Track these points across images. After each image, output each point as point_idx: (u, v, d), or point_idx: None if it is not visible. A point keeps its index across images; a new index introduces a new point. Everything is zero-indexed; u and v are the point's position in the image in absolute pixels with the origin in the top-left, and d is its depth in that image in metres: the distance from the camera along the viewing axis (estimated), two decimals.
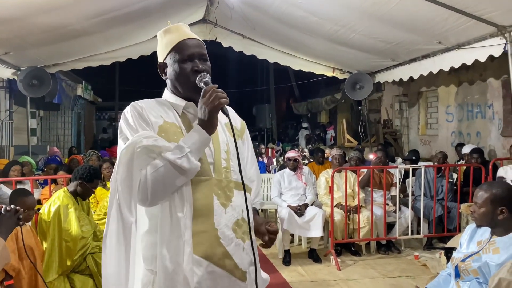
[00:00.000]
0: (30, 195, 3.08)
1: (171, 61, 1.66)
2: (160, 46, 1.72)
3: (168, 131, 1.58)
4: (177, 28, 1.71)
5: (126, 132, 1.57)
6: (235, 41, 7.58)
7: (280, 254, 5.25)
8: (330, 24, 5.78)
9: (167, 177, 1.46)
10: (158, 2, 5.73)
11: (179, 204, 1.51)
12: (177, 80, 1.66)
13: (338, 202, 5.37)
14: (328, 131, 14.73)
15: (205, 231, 1.53)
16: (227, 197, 1.60)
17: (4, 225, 2.27)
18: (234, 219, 1.59)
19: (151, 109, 1.62)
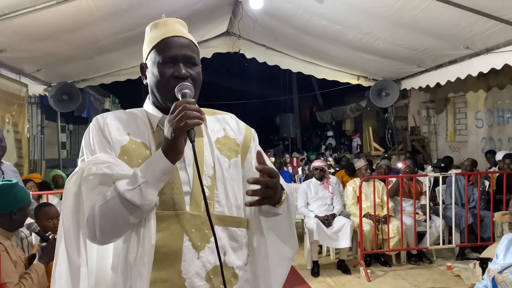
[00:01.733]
0: (52, 206, 3.17)
1: (151, 62, 1.33)
2: (144, 43, 1.39)
3: (131, 154, 1.27)
4: (165, 23, 1.37)
5: (84, 152, 1.30)
6: (258, 52, 7.63)
7: (308, 265, 5.20)
8: (354, 32, 5.76)
9: (117, 212, 1.15)
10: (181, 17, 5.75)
11: (134, 244, 1.19)
12: (155, 86, 1.32)
13: (367, 212, 5.29)
14: (353, 139, 14.59)
15: (167, 280, 1.22)
16: (203, 237, 1.26)
17: (48, 253, 2.37)
18: (210, 266, 1.25)
19: (117, 124, 1.32)
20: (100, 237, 1.18)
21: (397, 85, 7.68)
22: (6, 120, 5.42)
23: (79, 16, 4.59)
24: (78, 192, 1.20)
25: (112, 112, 1.37)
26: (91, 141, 1.28)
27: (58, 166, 7.78)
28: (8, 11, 3.99)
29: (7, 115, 5.46)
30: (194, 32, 6.80)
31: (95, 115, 1.39)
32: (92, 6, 4.45)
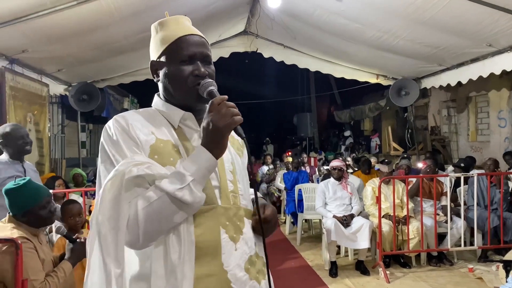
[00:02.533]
0: (76, 203, 3.21)
1: (166, 61, 1.32)
2: (153, 41, 1.37)
3: (162, 152, 1.26)
4: (176, 21, 1.36)
5: (110, 155, 1.23)
6: (276, 51, 7.62)
7: (326, 265, 5.15)
8: (373, 31, 5.69)
9: (163, 212, 1.14)
10: (199, 17, 5.84)
11: (175, 244, 1.18)
12: (172, 84, 1.32)
13: (386, 212, 5.22)
14: (372, 139, 14.43)
15: (211, 275, 1.21)
16: (237, 228, 1.28)
17: (77, 254, 2.44)
18: (246, 256, 1.28)
19: (139, 124, 1.29)
20: (143, 241, 1.15)
21: (417, 84, 7.58)
22: (27, 119, 5.52)
23: (98, 17, 4.65)
24: (117, 197, 1.14)
25: (128, 112, 1.34)
26: (117, 143, 1.23)
27: (78, 165, 7.90)
28: (29, 12, 4.05)
29: (28, 114, 5.55)
30: (212, 31, 6.87)
31: (115, 115, 1.37)
32: (111, 7, 4.50)
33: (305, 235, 7.02)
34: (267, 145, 16.95)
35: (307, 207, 6.64)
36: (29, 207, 2.28)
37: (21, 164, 3.12)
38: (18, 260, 2.03)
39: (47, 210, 2.34)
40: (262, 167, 10.55)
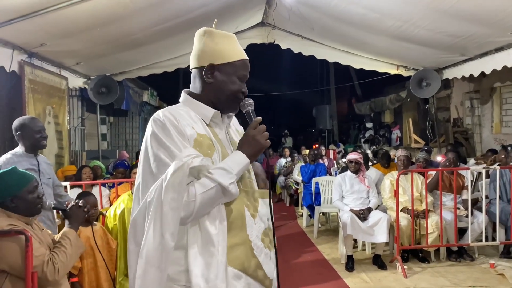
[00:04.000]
0: (91, 195, 3.23)
1: (228, 71, 1.59)
2: (217, 46, 1.59)
3: (202, 145, 1.52)
4: (235, 40, 1.65)
5: (166, 145, 1.46)
6: (294, 42, 7.53)
7: (342, 259, 5.10)
8: (392, 20, 5.55)
9: (215, 199, 1.44)
10: (216, 8, 5.80)
11: (211, 219, 1.46)
12: (223, 91, 1.60)
13: (404, 206, 5.12)
14: (393, 131, 14.18)
15: (240, 244, 1.51)
16: (255, 207, 1.59)
17: (74, 219, 2.50)
18: (262, 229, 1.60)
19: (183, 119, 1.54)
20: (193, 218, 1.43)
21: (438, 75, 7.39)
22: (47, 112, 5.60)
23: (114, 10, 4.66)
24: (181, 182, 1.39)
25: (172, 109, 1.57)
26: (172, 136, 1.46)
27: (98, 157, 8.00)
28: (46, 6, 4.08)
29: (48, 107, 5.63)
30: (229, 23, 6.83)
31: (134, 108, 1.59)
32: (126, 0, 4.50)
33: (322, 228, 6.97)
34: (286, 138, 16.86)
35: (324, 200, 6.58)
36: (17, 192, 2.28)
37: (35, 157, 3.15)
38: (28, 252, 2.05)
39: (35, 195, 2.35)
40: (280, 160, 10.52)
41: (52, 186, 3.31)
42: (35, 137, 3.15)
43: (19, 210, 2.32)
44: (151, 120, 1.52)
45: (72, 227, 2.46)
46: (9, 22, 4.18)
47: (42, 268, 2.14)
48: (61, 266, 2.21)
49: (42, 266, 2.14)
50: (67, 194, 3.58)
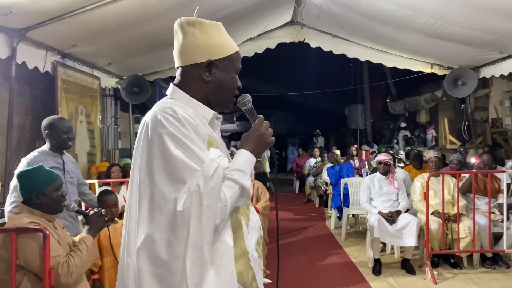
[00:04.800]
0: (111, 194, 3.28)
1: (226, 66, 1.45)
2: (211, 40, 1.43)
3: (212, 145, 1.41)
4: (224, 29, 1.50)
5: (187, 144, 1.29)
6: (324, 40, 7.44)
7: (369, 263, 4.98)
8: (425, 17, 5.37)
9: (238, 200, 1.36)
10: (245, 8, 5.79)
11: (227, 229, 1.36)
12: (222, 89, 1.46)
13: (435, 209, 4.95)
14: (428, 131, 13.78)
15: (240, 256, 1.39)
16: (247, 215, 1.47)
17: (94, 225, 2.52)
18: (256, 238, 1.49)
19: (197, 118, 1.40)
20: (223, 226, 1.34)
21: (475, 73, 7.10)
22: (79, 111, 5.75)
23: (143, 10, 4.72)
24: (217, 188, 1.28)
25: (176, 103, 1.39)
26: (192, 135, 1.31)
27: (130, 155, 8.14)
28: (76, 7, 4.18)
29: (80, 106, 5.79)
30: (257, 22, 6.81)
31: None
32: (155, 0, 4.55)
33: (351, 230, 6.84)
34: (318, 137, 16.69)
35: (353, 201, 6.46)
36: (43, 188, 2.34)
37: (61, 156, 3.23)
38: (46, 249, 2.09)
39: (59, 193, 2.40)
40: (309, 160, 10.42)
41: (77, 184, 3.39)
42: (62, 137, 3.22)
43: (42, 207, 2.38)
44: (159, 116, 1.30)
45: (90, 233, 2.49)
46: (42, 24, 4.32)
47: (57, 269, 2.18)
48: (75, 269, 2.24)
49: (57, 267, 2.18)
50: (91, 193, 3.65)
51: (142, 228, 1.27)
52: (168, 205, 1.23)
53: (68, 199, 2.64)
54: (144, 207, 1.28)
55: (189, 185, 1.24)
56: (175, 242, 1.23)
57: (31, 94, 5.32)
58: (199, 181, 1.24)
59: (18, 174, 2.46)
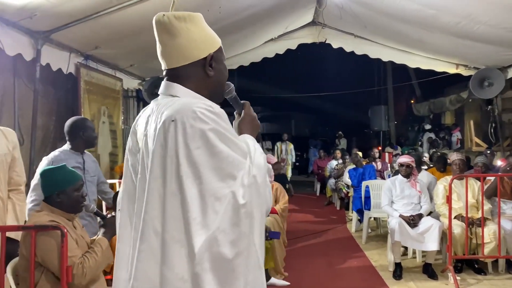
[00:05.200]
0: None
1: (220, 57, 1.43)
2: (204, 32, 1.39)
3: None
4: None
5: (233, 140, 1.26)
6: (346, 41, 7.36)
7: (390, 266, 4.89)
8: (449, 16, 5.25)
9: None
10: (265, 9, 5.78)
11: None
12: (221, 81, 1.44)
13: (459, 213, 4.82)
14: (453, 133, 13.48)
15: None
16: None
17: (110, 229, 2.53)
18: None
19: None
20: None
21: (502, 74, 6.89)
22: (101, 112, 5.85)
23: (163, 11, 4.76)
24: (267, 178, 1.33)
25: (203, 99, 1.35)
26: (232, 130, 1.30)
27: None
28: (98, 10, 4.25)
29: (102, 107, 5.89)
30: (278, 23, 6.79)
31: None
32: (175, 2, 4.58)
33: (372, 233, 6.74)
34: (340, 139, 16.51)
35: (374, 204, 6.36)
36: (64, 188, 2.38)
37: (81, 155, 3.28)
38: (63, 247, 2.13)
39: (80, 193, 2.43)
40: (330, 162, 10.32)
41: (98, 182, 3.44)
42: (92, 135, 3.33)
43: (63, 206, 2.42)
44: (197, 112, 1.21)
45: (106, 236, 2.52)
46: (66, 26, 4.41)
47: (72, 269, 2.20)
48: (89, 271, 2.26)
49: (72, 267, 2.20)
50: (111, 191, 3.70)
51: (196, 232, 1.15)
52: (226, 202, 1.17)
53: (87, 198, 2.68)
54: (194, 209, 1.16)
55: (242, 178, 1.21)
56: (239, 237, 1.18)
57: (55, 95, 5.43)
58: (254, 172, 1.24)
59: (42, 172, 2.51)
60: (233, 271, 1.16)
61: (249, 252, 1.20)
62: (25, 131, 4.86)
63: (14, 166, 2.69)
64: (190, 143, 1.18)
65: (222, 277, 1.15)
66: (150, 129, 1.28)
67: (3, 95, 4.66)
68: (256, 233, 1.22)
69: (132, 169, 1.35)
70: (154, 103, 1.38)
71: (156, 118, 1.28)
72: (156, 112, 1.30)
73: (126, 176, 1.39)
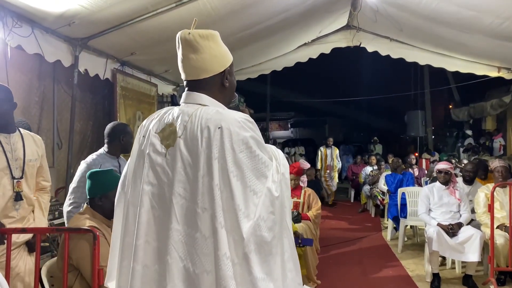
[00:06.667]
0: None
1: (231, 70, 1.63)
2: (222, 49, 1.60)
3: None
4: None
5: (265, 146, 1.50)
6: (381, 45, 7.22)
7: (427, 277, 4.71)
8: (491, 17, 5.05)
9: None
10: (298, 13, 5.74)
11: None
12: (233, 91, 1.66)
13: (502, 223, 4.59)
14: (495, 139, 12.95)
15: None
16: None
17: None
18: None
19: None
20: None
21: None
22: (137, 117, 5.95)
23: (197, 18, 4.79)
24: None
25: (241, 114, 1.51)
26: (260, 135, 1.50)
27: None
28: (133, 16, 4.33)
29: (138, 112, 5.99)
30: (312, 27, 6.73)
31: None
32: (208, 7, 4.62)
33: (409, 242, 6.53)
34: (375, 145, 16.20)
35: (411, 212, 6.17)
36: (108, 191, 2.41)
37: (117, 159, 3.33)
38: (96, 249, 2.15)
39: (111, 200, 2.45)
40: (365, 168, 10.11)
41: None
42: (130, 141, 3.33)
43: (103, 209, 2.46)
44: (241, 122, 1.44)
45: None
46: (102, 33, 4.53)
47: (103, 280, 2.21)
48: None
49: (103, 278, 2.21)
50: None
51: (242, 220, 1.36)
52: (262, 196, 1.40)
53: None
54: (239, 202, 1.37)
55: (272, 176, 1.44)
56: (274, 224, 1.42)
57: (92, 100, 5.58)
58: (282, 170, 1.50)
59: (89, 174, 2.56)
60: (271, 251, 1.40)
61: (282, 235, 1.46)
62: (63, 135, 5.00)
63: (41, 173, 2.77)
64: (236, 147, 1.40)
65: (263, 256, 1.38)
66: (188, 133, 1.45)
67: (43, 100, 4.82)
68: (288, 219, 1.52)
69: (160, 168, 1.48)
70: (177, 109, 1.54)
71: (192, 124, 1.45)
72: (188, 118, 1.47)
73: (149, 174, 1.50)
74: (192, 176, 1.41)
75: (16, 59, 4.14)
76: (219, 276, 1.32)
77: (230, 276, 1.32)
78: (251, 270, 1.35)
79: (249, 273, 1.35)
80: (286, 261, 1.47)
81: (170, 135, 1.48)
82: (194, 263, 1.36)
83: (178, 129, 1.47)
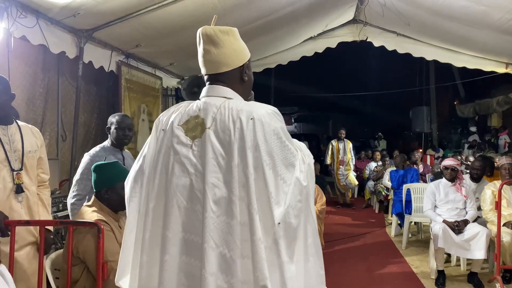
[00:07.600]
0: None
1: (249, 64, 1.67)
2: (241, 44, 1.65)
3: None
4: None
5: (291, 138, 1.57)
6: (387, 39, 7.15)
7: (432, 274, 4.68)
8: (500, 13, 4.97)
9: None
10: (305, 6, 5.68)
11: None
12: (251, 85, 1.70)
13: (508, 220, 4.55)
14: (500, 136, 12.86)
15: None
16: None
17: None
18: None
19: None
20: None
21: None
22: (141, 110, 5.93)
23: (203, 10, 4.75)
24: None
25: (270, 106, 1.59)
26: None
27: None
28: (139, 8, 4.29)
29: (142, 105, 5.96)
30: (318, 21, 6.66)
31: None
32: (214, 0, 4.57)
33: (413, 238, 6.50)
34: (379, 140, 16.12)
35: (415, 208, 6.13)
36: (114, 184, 2.39)
37: (121, 152, 3.30)
38: (100, 243, 2.12)
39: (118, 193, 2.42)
40: (369, 164, 10.07)
41: None
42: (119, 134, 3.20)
43: (109, 202, 2.44)
44: (271, 114, 1.51)
45: None
46: (107, 24, 4.48)
47: (108, 274, 2.18)
48: None
49: (109, 273, 2.18)
50: None
51: (273, 207, 1.42)
52: (292, 184, 1.46)
53: None
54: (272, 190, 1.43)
55: (299, 165, 1.50)
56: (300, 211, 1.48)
57: (97, 92, 5.55)
58: (308, 161, 1.56)
59: (94, 167, 2.54)
60: (296, 236, 1.47)
61: (306, 222, 1.52)
62: (67, 127, 4.98)
63: (41, 164, 2.73)
64: (268, 138, 1.45)
65: (289, 241, 1.45)
66: (219, 124, 1.48)
67: (47, 92, 4.80)
68: (312, 207, 1.57)
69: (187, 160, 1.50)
70: (201, 102, 1.58)
71: (222, 115, 1.49)
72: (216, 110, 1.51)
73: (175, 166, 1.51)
74: (226, 166, 1.44)
75: (20, 50, 4.11)
76: (255, 259, 1.38)
77: (264, 259, 1.38)
78: (279, 254, 1.42)
79: (278, 256, 1.42)
80: (309, 246, 1.53)
81: (196, 126, 1.52)
82: (231, 249, 1.40)
83: (206, 121, 1.50)
